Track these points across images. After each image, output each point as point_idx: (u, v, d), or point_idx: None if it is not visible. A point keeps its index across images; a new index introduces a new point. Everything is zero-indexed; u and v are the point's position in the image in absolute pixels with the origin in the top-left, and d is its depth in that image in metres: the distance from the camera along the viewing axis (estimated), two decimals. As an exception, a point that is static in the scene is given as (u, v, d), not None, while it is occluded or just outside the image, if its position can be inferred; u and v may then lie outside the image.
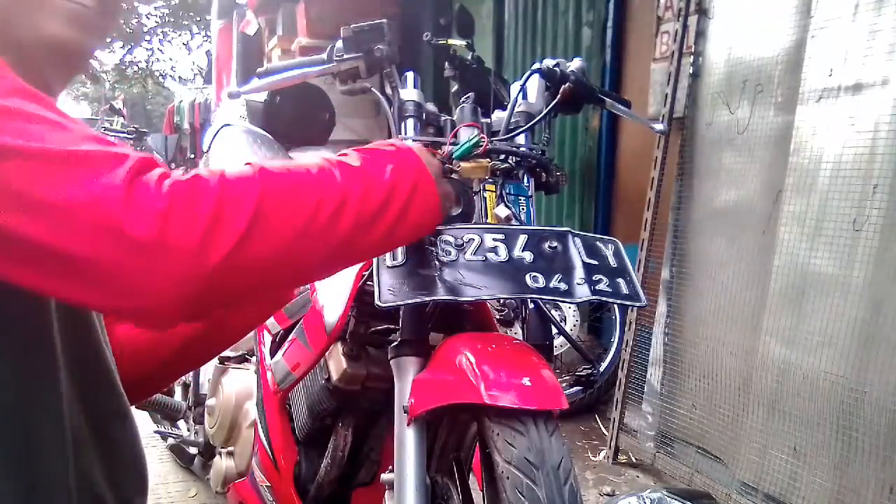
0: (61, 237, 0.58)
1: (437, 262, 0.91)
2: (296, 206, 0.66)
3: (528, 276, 0.91)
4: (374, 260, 0.94)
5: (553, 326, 1.12)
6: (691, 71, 2.45)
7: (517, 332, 1.18)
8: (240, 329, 1.07)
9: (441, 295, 0.89)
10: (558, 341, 2.26)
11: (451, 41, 3.27)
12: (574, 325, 3.04)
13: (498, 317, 1.25)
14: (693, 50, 2.44)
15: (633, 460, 2.66)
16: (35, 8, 0.73)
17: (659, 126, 2.24)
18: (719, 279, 2.32)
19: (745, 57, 2.23)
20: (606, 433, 2.78)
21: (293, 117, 2.13)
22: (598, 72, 3.49)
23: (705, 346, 2.37)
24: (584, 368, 1.18)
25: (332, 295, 1.28)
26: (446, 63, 3.23)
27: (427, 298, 0.90)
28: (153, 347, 1.00)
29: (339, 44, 1.20)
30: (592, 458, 2.72)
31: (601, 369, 2.89)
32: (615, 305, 2.94)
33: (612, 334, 3.02)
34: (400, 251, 0.93)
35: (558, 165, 1.24)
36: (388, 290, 0.90)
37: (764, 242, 2.12)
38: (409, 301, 0.91)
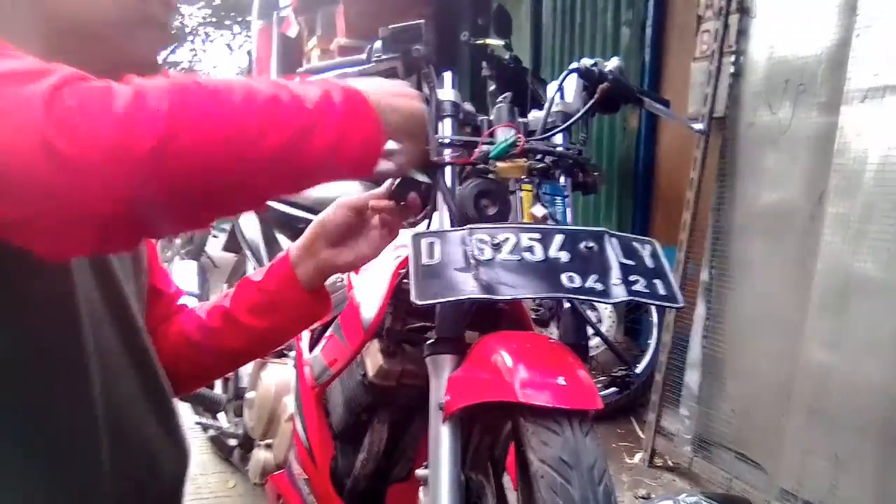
0: None
1: (473, 261, 0.92)
2: (218, 107, 0.63)
3: (563, 276, 0.91)
4: (411, 258, 0.95)
5: (589, 327, 1.12)
6: (732, 70, 2.42)
7: (552, 332, 1.18)
8: (283, 335, 1.13)
9: (477, 294, 0.89)
10: (594, 342, 2.25)
11: (488, 41, 3.27)
12: (610, 327, 3.02)
13: (533, 317, 1.25)
14: (734, 49, 2.41)
15: (670, 464, 2.64)
16: (131, 34, 0.78)
17: (698, 126, 2.22)
18: (760, 282, 2.29)
19: (788, 56, 2.20)
20: (643, 436, 2.75)
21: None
22: (638, 71, 3.47)
23: (745, 349, 2.34)
24: (620, 369, 1.18)
25: (369, 292, 1.29)
26: (483, 63, 3.23)
27: (463, 297, 0.91)
28: (197, 352, 1.05)
29: (378, 44, 1.21)
30: (628, 461, 2.70)
31: (638, 371, 2.86)
32: (652, 307, 2.92)
33: (648, 336, 2.99)
34: (437, 251, 0.94)
35: (596, 165, 1.24)
36: (425, 288, 0.91)
37: (806, 245, 2.09)
38: (445, 299, 0.91)
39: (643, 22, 3.48)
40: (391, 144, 0.83)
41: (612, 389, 1.21)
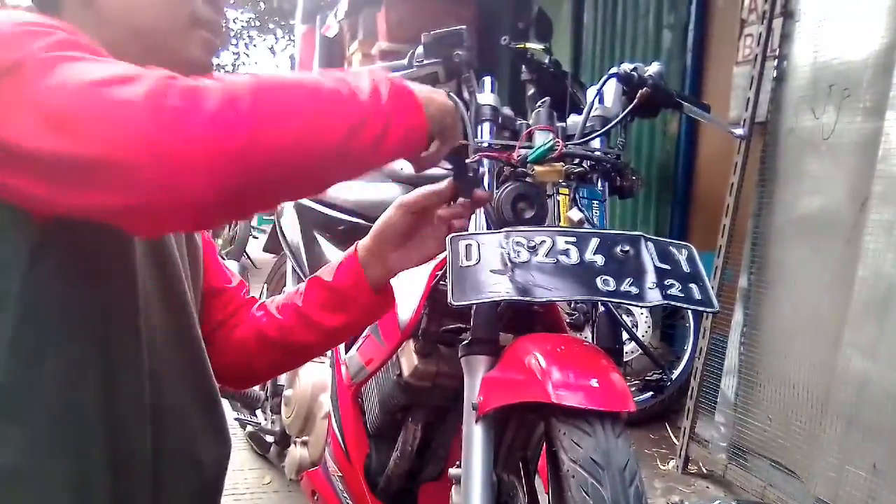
0: (87, 148, 0.62)
1: (509, 263, 0.93)
2: (293, 109, 0.70)
3: (598, 279, 0.91)
4: (448, 259, 0.96)
5: (623, 331, 1.12)
6: (775, 75, 2.39)
7: (587, 336, 1.18)
8: (351, 331, 1.19)
9: (512, 295, 0.91)
10: (629, 348, 2.24)
11: (528, 45, 3.27)
12: (646, 332, 3.00)
13: (568, 320, 1.26)
14: (777, 53, 2.39)
15: (704, 471, 2.61)
16: (183, 36, 0.85)
17: (739, 131, 2.19)
18: (799, 288, 2.26)
19: (832, 61, 2.17)
20: (677, 442, 2.73)
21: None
22: (679, 74, 3.44)
23: (782, 356, 2.31)
24: (655, 373, 1.18)
25: (406, 293, 1.31)
26: (523, 66, 3.23)
27: (498, 298, 0.92)
28: (271, 347, 1.11)
29: (420, 49, 1.23)
30: (661, 467, 2.69)
31: (674, 376, 2.84)
32: (689, 313, 2.89)
33: (684, 343, 2.97)
34: (474, 253, 0.95)
35: (634, 170, 1.23)
36: (461, 288, 0.92)
37: (847, 252, 2.06)
38: (481, 300, 0.93)
39: (685, 25, 3.45)
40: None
41: (647, 395, 1.21)
